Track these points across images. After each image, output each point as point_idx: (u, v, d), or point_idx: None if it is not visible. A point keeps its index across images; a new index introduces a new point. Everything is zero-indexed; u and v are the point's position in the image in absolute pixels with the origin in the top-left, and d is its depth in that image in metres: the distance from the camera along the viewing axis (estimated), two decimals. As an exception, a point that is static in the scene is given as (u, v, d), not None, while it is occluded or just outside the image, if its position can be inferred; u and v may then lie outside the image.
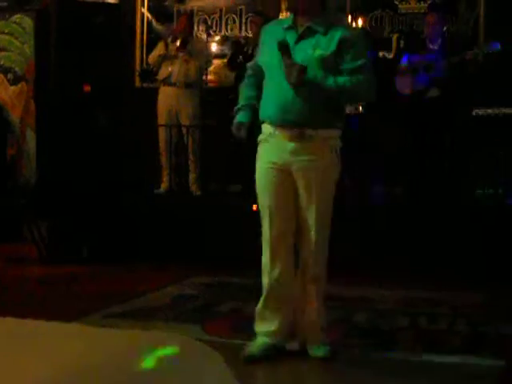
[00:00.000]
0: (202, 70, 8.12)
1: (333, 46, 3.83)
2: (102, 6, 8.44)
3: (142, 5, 9.50)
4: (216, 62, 8.89)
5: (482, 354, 4.31)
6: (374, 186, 7.66)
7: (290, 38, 3.90)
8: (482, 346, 4.46)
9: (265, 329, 4.11)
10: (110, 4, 9.05)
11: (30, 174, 8.22)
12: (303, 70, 3.75)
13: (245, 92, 4.15)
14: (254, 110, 4.09)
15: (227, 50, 9.12)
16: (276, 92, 3.90)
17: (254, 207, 7.04)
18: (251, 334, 4.48)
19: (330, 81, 3.80)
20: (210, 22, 9.33)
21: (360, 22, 8.48)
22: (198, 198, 7.93)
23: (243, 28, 9.17)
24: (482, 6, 8.50)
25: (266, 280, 4.09)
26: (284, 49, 3.80)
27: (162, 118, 8.07)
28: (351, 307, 5.35)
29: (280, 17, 8.24)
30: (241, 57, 7.97)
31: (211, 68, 8.78)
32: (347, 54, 3.85)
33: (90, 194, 7.12)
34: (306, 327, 4.12)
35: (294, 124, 3.86)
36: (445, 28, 7.68)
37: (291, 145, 3.88)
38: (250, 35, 8.67)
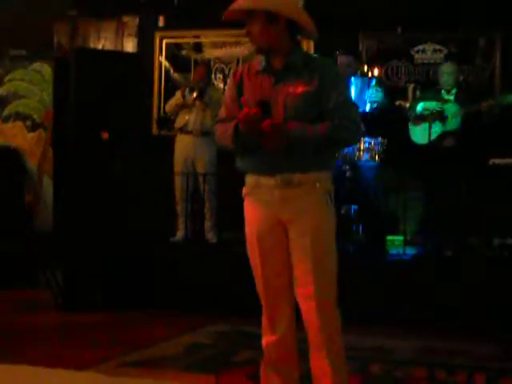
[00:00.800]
0: (219, 119, 8.15)
1: (315, 82, 3.45)
2: (120, 55, 8.57)
3: (160, 54, 9.62)
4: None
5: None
6: (390, 235, 7.63)
7: (267, 79, 3.54)
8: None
9: None
10: (128, 53, 9.18)
11: (46, 220, 8.25)
12: (285, 130, 3.35)
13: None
14: None
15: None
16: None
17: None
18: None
19: (312, 131, 3.39)
20: (226, 71, 9.42)
21: (376, 72, 8.53)
22: (214, 245, 7.93)
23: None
24: (498, 56, 8.55)
25: (264, 342, 3.64)
26: (265, 109, 3.40)
27: (178, 166, 8.10)
28: (366, 357, 5.29)
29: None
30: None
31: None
32: (330, 90, 3.45)
33: (106, 241, 7.13)
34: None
35: (280, 170, 3.45)
36: (461, 78, 7.72)
37: (279, 193, 3.47)
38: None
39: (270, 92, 3.49)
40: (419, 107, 7.41)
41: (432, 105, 7.32)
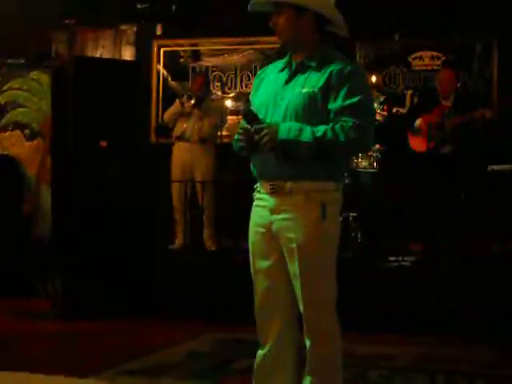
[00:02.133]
0: (217, 126, 8.16)
1: (322, 81, 3.23)
2: (118, 64, 8.57)
3: (158, 62, 9.63)
4: (231, 118, 8.95)
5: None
6: (390, 242, 7.63)
7: (283, 77, 3.37)
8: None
9: None
10: (126, 62, 9.18)
11: (45, 229, 8.25)
12: (272, 132, 3.18)
13: None
14: None
15: (242, 107, 9.23)
16: None
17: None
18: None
19: (307, 133, 3.15)
20: (225, 79, 9.43)
21: (374, 79, 8.55)
22: (213, 253, 7.92)
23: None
24: (495, 62, 8.57)
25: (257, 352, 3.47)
26: (250, 117, 3.26)
27: (176, 174, 8.11)
28: (365, 365, 5.27)
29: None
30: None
31: (226, 124, 8.86)
32: (338, 90, 3.20)
33: (104, 249, 7.12)
34: None
35: (273, 176, 3.28)
36: (458, 84, 7.73)
37: (271, 200, 3.30)
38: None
39: (281, 90, 3.34)
40: (418, 121, 7.38)
41: (429, 119, 7.31)
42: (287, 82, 3.35)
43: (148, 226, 7.75)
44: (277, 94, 3.33)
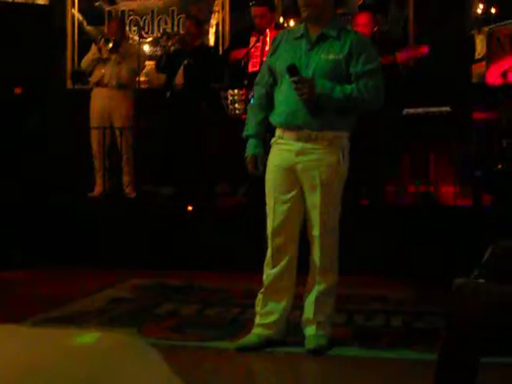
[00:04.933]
0: (135, 71, 8.07)
1: (345, 50, 4.04)
2: (31, 8, 8.36)
3: (73, 6, 9.41)
4: (148, 63, 8.85)
5: (416, 348, 4.38)
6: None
7: (303, 45, 4.10)
8: (416, 341, 4.53)
9: (262, 321, 4.25)
10: (39, 5, 8.95)
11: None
12: (312, 84, 3.94)
13: (253, 116, 4.30)
14: (263, 138, 4.28)
15: (159, 52, 9.12)
16: (285, 98, 4.10)
17: (189, 207, 7.07)
18: (188, 335, 4.52)
19: (338, 90, 3.97)
20: (141, 24, 9.29)
21: (292, 23, 8.53)
22: (133, 200, 7.88)
23: (176, 29, 9.15)
24: (411, 6, 8.64)
25: (266, 274, 4.22)
26: (292, 72, 3.96)
27: (94, 120, 8.00)
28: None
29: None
30: (164, 56, 7.99)
31: (144, 70, 8.75)
32: (358, 57, 4.04)
33: (23, 197, 7.02)
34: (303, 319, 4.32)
35: (301, 127, 4.04)
36: (375, 28, 7.77)
37: (297, 145, 4.06)
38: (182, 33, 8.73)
39: (304, 56, 4.07)
40: None
41: None
42: (309, 49, 4.08)
43: (67, 174, 7.67)
44: (300, 60, 4.06)
